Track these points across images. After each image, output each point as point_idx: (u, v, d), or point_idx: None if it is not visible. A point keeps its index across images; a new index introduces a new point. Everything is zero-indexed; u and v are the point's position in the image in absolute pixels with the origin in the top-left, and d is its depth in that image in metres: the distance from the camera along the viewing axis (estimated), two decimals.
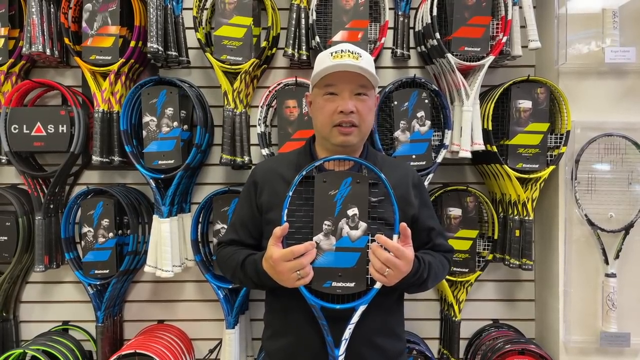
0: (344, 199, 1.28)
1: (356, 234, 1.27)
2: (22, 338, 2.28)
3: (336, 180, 1.29)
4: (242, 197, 1.52)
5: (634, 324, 2.01)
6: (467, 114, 1.96)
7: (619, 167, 2.03)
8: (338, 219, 1.27)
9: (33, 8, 1.98)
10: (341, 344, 1.25)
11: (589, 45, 2.06)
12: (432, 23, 1.95)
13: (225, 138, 2.02)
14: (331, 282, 1.25)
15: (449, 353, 2.18)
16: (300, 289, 1.23)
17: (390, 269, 1.22)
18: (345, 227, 1.27)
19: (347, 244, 1.27)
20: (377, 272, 1.23)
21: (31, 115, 2.05)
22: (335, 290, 1.25)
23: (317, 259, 1.26)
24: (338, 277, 1.26)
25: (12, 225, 2.09)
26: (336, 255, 1.26)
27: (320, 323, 1.24)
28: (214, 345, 2.27)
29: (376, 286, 1.26)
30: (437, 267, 1.40)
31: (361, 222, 1.27)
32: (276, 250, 1.24)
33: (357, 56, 1.36)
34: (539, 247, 2.24)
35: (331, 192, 1.28)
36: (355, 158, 1.34)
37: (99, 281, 2.07)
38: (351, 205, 1.27)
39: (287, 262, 1.22)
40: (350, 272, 1.26)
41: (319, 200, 1.28)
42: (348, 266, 1.26)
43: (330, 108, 1.36)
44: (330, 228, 1.27)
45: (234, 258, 1.42)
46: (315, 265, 1.25)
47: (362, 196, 1.28)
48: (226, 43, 2.02)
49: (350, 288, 1.26)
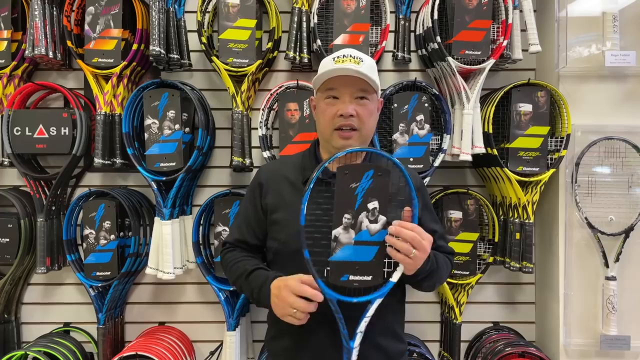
0: (365, 192, 1.25)
1: (375, 228, 1.25)
2: (24, 339, 2.28)
3: (358, 173, 1.26)
4: (247, 199, 1.53)
5: (634, 327, 2.02)
6: (468, 117, 1.97)
7: (619, 171, 2.03)
8: (358, 212, 1.25)
9: (36, 11, 1.99)
10: (356, 337, 1.24)
11: (590, 49, 2.06)
12: (433, 26, 1.95)
13: (235, 140, 2.03)
14: (348, 276, 1.24)
15: (449, 356, 2.18)
16: (319, 282, 1.22)
17: (417, 249, 1.21)
18: (365, 221, 1.25)
19: (366, 237, 1.25)
20: (403, 255, 1.21)
21: (33, 117, 2.06)
22: (352, 283, 1.24)
23: (335, 252, 1.25)
24: (355, 270, 1.25)
25: (14, 227, 2.09)
26: (355, 249, 1.25)
27: (337, 317, 1.23)
28: (214, 348, 2.27)
29: (392, 279, 1.25)
30: (442, 263, 1.41)
31: (381, 215, 1.25)
32: (294, 282, 1.24)
33: (359, 61, 1.37)
34: (539, 250, 2.25)
35: (353, 184, 1.26)
36: (373, 149, 1.32)
37: (100, 283, 2.07)
38: (372, 199, 1.25)
39: (293, 296, 1.22)
40: (368, 265, 1.25)
41: (340, 194, 1.26)
42: (366, 260, 1.25)
43: (331, 111, 1.38)
44: (350, 221, 1.25)
45: (241, 265, 1.42)
46: (333, 259, 1.24)
47: (384, 189, 1.26)
48: (232, 46, 2.03)
49: (367, 281, 1.25)
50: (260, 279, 1.36)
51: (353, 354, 1.23)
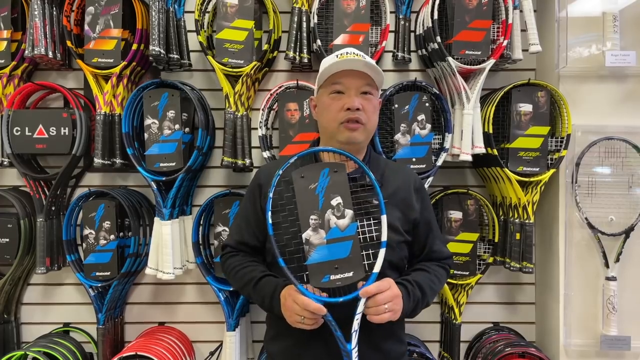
0: (325, 190, 1.27)
1: (344, 223, 1.26)
2: (23, 340, 2.28)
3: (313, 173, 1.28)
4: (246, 199, 1.52)
5: (634, 327, 2.02)
6: (468, 117, 1.97)
7: (620, 171, 2.03)
8: (323, 211, 1.26)
9: (35, 11, 1.99)
10: (352, 337, 1.21)
11: (590, 49, 2.06)
12: (433, 26, 1.95)
13: (226, 141, 2.03)
14: (329, 276, 1.23)
15: (449, 356, 2.18)
16: (300, 288, 1.22)
17: (387, 302, 1.22)
18: (332, 218, 1.26)
19: (337, 234, 1.25)
20: (380, 316, 1.22)
21: (33, 117, 2.06)
22: (335, 283, 1.23)
23: (310, 255, 1.24)
24: (335, 269, 1.24)
25: (13, 227, 2.09)
26: (329, 248, 1.24)
27: (326, 319, 1.22)
28: (214, 348, 2.27)
29: (375, 270, 1.25)
30: (430, 282, 1.40)
31: (347, 209, 1.26)
32: (298, 295, 1.23)
33: (362, 58, 1.39)
34: (539, 250, 2.24)
35: (311, 185, 1.27)
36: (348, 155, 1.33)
37: (100, 283, 2.07)
38: (333, 195, 1.26)
39: (299, 307, 1.22)
40: (346, 261, 1.24)
41: (301, 196, 1.27)
42: (343, 256, 1.24)
43: (337, 106, 1.38)
44: (318, 222, 1.26)
45: (247, 272, 1.41)
46: (309, 262, 1.24)
47: (343, 184, 1.27)
48: (228, 46, 2.03)
49: (349, 278, 1.24)
50: (269, 287, 1.35)
51: (353, 355, 1.21)
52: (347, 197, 1.27)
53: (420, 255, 1.50)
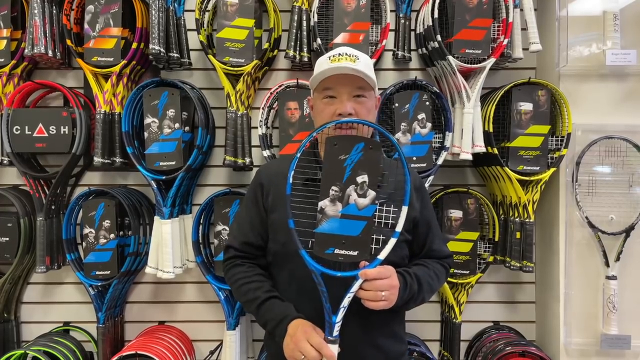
0: (354, 164, 1.23)
1: (364, 202, 1.23)
2: (23, 339, 2.28)
3: (348, 145, 1.24)
4: (248, 199, 1.51)
5: (634, 327, 2.02)
6: (468, 116, 1.96)
7: (620, 170, 2.03)
8: (346, 185, 1.23)
9: (35, 10, 1.99)
10: (339, 312, 1.21)
11: (590, 48, 2.06)
12: (433, 25, 1.95)
13: (228, 140, 2.03)
14: (334, 249, 1.22)
15: (449, 355, 2.18)
16: (302, 253, 1.21)
17: (385, 290, 1.22)
18: (354, 194, 1.23)
19: (353, 211, 1.23)
20: (376, 302, 1.22)
21: (33, 116, 2.06)
22: (337, 257, 1.22)
23: (320, 224, 1.22)
24: (342, 244, 1.22)
25: (13, 226, 2.09)
26: (341, 222, 1.23)
27: (320, 290, 1.21)
28: (214, 347, 2.27)
29: (380, 257, 1.23)
30: (429, 278, 1.40)
31: (370, 190, 1.23)
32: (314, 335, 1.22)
33: (355, 59, 1.37)
34: (539, 249, 2.24)
35: (341, 156, 1.23)
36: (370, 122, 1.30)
37: (100, 282, 2.07)
38: (361, 172, 1.23)
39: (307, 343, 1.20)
40: (355, 240, 1.23)
41: (328, 164, 1.24)
42: (352, 234, 1.22)
43: (329, 111, 1.37)
44: (337, 194, 1.23)
45: (253, 289, 1.39)
46: (318, 230, 1.22)
47: (374, 163, 1.23)
48: (228, 45, 2.03)
49: (353, 256, 1.22)
50: (277, 313, 1.33)
51: (335, 328, 1.21)
52: (375, 177, 1.23)
53: (420, 254, 1.50)
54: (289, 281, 1.40)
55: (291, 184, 1.24)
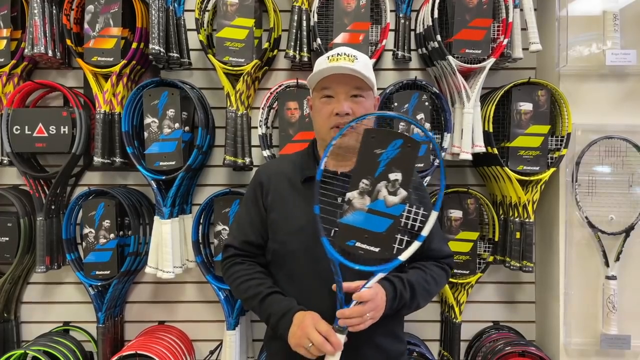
0: (389, 160, 1.20)
1: (393, 200, 1.21)
2: (23, 339, 2.28)
3: (385, 139, 1.21)
4: (248, 198, 1.51)
5: (634, 327, 2.01)
6: (468, 116, 1.96)
7: (620, 170, 2.03)
8: (377, 180, 1.21)
9: (35, 10, 1.99)
10: (352, 303, 1.22)
11: (590, 48, 2.06)
12: (433, 25, 1.95)
13: (228, 139, 2.03)
14: (355, 242, 1.21)
15: (449, 355, 2.18)
16: (323, 240, 1.21)
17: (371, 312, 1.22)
18: (384, 191, 1.21)
19: (381, 207, 1.21)
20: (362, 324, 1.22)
21: (33, 116, 2.06)
22: (358, 250, 1.21)
23: (345, 215, 1.21)
24: (364, 238, 1.21)
25: (13, 226, 2.09)
26: (367, 217, 1.21)
27: (336, 279, 1.21)
28: (214, 347, 2.27)
29: (401, 257, 1.22)
30: (425, 283, 1.39)
31: (402, 189, 1.20)
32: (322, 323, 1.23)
33: (353, 59, 1.37)
34: (539, 249, 2.24)
35: (377, 150, 1.20)
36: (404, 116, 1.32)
37: (100, 282, 2.07)
38: (395, 169, 1.20)
39: (315, 330, 1.21)
40: (378, 236, 1.21)
41: (362, 156, 1.21)
42: (377, 230, 1.21)
43: (327, 111, 1.37)
44: (367, 188, 1.21)
45: (254, 285, 1.39)
46: (342, 221, 1.21)
47: (410, 162, 1.21)
48: (228, 45, 2.03)
49: (374, 252, 1.21)
50: (281, 306, 1.33)
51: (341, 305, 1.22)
52: (409, 177, 1.21)
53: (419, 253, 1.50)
54: (289, 280, 1.40)
55: (322, 170, 1.23)
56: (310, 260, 1.35)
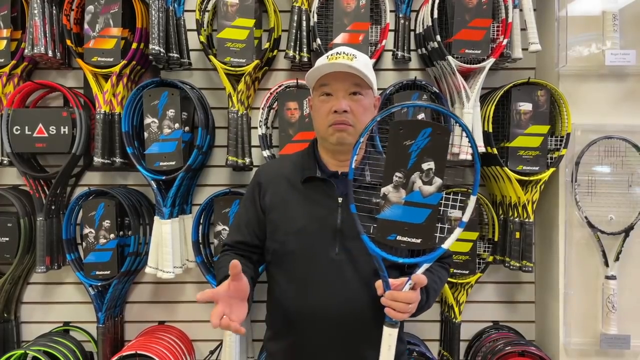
0: (420, 150, 1.19)
1: (429, 190, 1.20)
2: (23, 339, 2.28)
3: (414, 130, 1.19)
4: (246, 198, 1.52)
5: (634, 326, 2.02)
6: (468, 117, 1.97)
7: (619, 170, 2.03)
8: (411, 171, 1.19)
9: (35, 10, 1.99)
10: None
11: (590, 48, 2.06)
12: (433, 25, 1.95)
13: (230, 140, 2.03)
14: (396, 236, 1.20)
15: (449, 355, 2.18)
16: (364, 238, 1.21)
17: (413, 302, 1.23)
18: (418, 182, 1.19)
19: (417, 199, 1.20)
20: (402, 313, 1.23)
21: (33, 116, 2.06)
22: (400, 244, 1.20)
23: (383, 210, 1.21)
24: (404, 231, 1.20)
25: (13, 226, 2.09)
26: (404, 209, 1.20)
27: (381, 275, 1.22)
28: (214, 347, 2.27)
29: (444, 246, 1.22)
30: (434, 284, 1.39)
31: (437, 177, 1.19)
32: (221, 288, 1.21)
33: (352, 57, 1.37)
34: (539, 249, 2.25)
35: (406, 142, 1.19)
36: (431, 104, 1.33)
37: (100, 282, 2.07)
38: (427, 159, 1.19)
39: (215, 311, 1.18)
40: (418, 228, 1.20)
41: (392, 149, 1.20)
42: (416, 222, 1.20)
43: (326, 108, 1.38)
44: (401, 181, 1.20)
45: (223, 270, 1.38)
46: (381, 216, 1.21)
47: (442, 149, 1.19)
48: (229, 45, 2.03)
49: (416, 244, 1.20)
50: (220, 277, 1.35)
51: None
52: (442, 163, 1.19)
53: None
54: (288, 279, 1.40)
55: (353, 169, 1.22)
56: (310, 260, 1.36)
